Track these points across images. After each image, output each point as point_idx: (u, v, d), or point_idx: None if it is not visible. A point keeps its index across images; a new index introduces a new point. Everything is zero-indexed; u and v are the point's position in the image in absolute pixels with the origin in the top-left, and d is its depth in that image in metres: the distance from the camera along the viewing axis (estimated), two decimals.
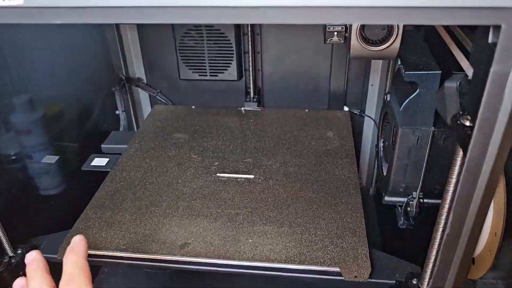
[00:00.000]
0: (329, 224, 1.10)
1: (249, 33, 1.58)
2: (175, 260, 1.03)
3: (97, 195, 1.23)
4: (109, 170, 1.34)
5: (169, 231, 1.09)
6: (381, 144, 1.36)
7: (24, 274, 0.72)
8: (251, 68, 1.64)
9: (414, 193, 1.17)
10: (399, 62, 1.06)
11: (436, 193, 1.14)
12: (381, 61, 1.62)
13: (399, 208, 1.27)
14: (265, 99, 1.73)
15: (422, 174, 1.13)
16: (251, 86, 1.68)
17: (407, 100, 1.02)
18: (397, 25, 0.94)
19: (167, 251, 1.04)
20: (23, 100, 1.28)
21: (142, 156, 1.39)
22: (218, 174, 1.29)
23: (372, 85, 1.68)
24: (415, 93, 1.00)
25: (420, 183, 1.15)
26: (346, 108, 1.69)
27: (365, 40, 0.97)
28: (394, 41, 0.95)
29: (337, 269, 0.99)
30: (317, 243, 1.05)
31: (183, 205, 1.18)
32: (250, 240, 1.06)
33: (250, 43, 1.60)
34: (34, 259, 0.73)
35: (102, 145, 1.49)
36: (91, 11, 0.58)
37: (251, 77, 1.65)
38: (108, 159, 1.39)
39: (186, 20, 0.56)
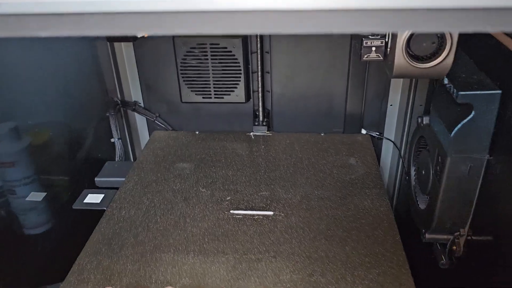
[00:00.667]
0: (368, 272, 0.94)
1: (258, 50, 1.43)
2: None
3: (91, 240, 1.05)
4: (104, 208, 1.16)
5: (179, 284, 0.92)
6: (413, 173, 1.21)
7: None
8: (260, 89, 1.49)
9: (461, 230, 1.02)
10: (446, 81, 0.91)
11: (488, 229, 0.98)
12: (401, 79, 1.48)
13: (438, 245, 1.12)
14: (274, 122, 1.58)
15: (473, 209, 0.98)
16: (260, 108, 1.52)
17: (459, 125, 0.87)
18: (450, 36, 0.80)
19: None
20: (6, 128, 1.11)
21: (143, 190, 1.22)
22: (231, 211, 1.12)
23: (391, 105, 1.54)
24: (470, 117, 0.86)
25: (470, 219, 0.99)
26: (363, 131, 1.54)
27: (412, 56, 0.82)
28: (447, 55, 0.81)
29: None
30: None
31: (194, 249, 1.01)
32: None
33: (258, 61, 1.45)
34: None
35: (96, 178, 1.31)
36: (87, 19, 0.42)
37: (260, 98, 1.50)
38: (103, 195, 1.21)
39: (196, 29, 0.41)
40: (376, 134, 1.55)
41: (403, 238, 1.10)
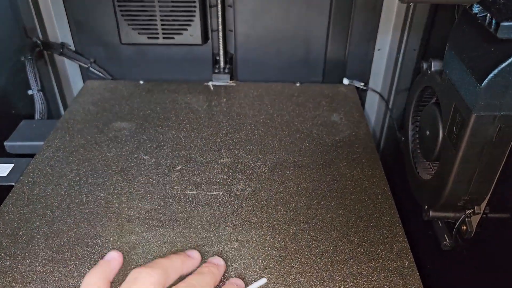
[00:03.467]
0: (364, 266, 0.71)
1: None
2: None
3: None
4: (12, 184, 0.87)
5: None
6: (411, 133, 0.97)
7: None
8: (220, 28, 1.19)
9: (476, 207, 0.79)
10: (477, 9, 0.65)
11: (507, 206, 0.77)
12: (394, 15, 1.22)
13: (439, 222, 0.91)
14: (238, 70, 1.29)
15: (495, 182, 0.75)
16: (221, 52, 1.23)
17: (495, 71, 0.62)
18: None
19: None
20: None
21: (66, 159, 0.93)
22: (179, 187, 0.86)
23: (379, 49, 1.28)
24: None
25: (489, 195, 0.77)
26: (346, 81, 1.28)
27: None
28: None
29: None
30: None
31: (130, 241, 0.75)
32: None
33: None
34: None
35: (5, 143, 1.01)
36: None
37: (220, 39, 1.21)
38: (12, 165, 0.92)
39: None
40: (360, 85, 1.29)
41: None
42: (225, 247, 0.74)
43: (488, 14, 0.62)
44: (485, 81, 0.63)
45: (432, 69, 0.84)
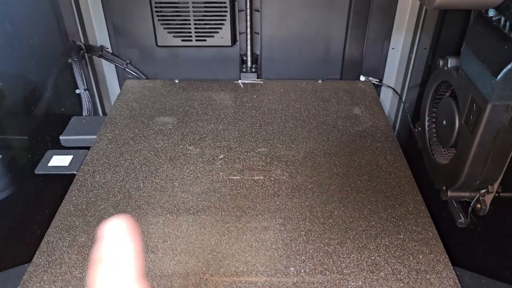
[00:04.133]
0: (393, 238, 0.81)
1: None
2: None
3: (61, 211, 0.87)
4: (74, 172, 0.98)
5: (174, 262, 0.77)
6: (427, 124, 1.08)
7: None
8: (248, 31, 1.29)
9: (490, 186, 0.90)
10: (492, 12, 0.76)
11: None
12: (407, 17, 1.32)
13: (454, 202, 1.01)
14: (263, 69, 1.39)
15: (507, 164, 0.86)
16: (248, 53, 1.33)
17: (510, 65, 0.73)
18: None
19: None
20: None
21: (119, 150, 1.03)
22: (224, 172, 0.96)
23: (393, 48, 1.38)
24: None
25: (502, 176, 0.88)
26: (362, 78, 1.39)
27: None
28: None
29: None
30: (384, 267, 0.76)
31: (187, 219, 0.85)
32: (292, 269, 0.76)
33: None
34: None
35: (61, 137, 1.11)
36: None
37: (248, 41, 1.31)
38: (71, 156, 1.02)
39: None
40: (376, 81, 1.40)
41: None
42: (271, 223, 0.84)
43: (503, 18, 0.72)
44: (500, 74, 0.74)
45: (449, 65, 0.94)
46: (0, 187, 1.00)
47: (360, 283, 0.73)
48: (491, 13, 0.76)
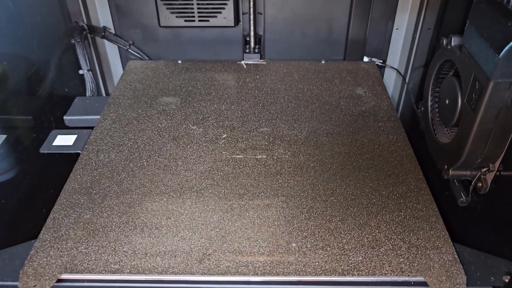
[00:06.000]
0: (394, 215, 0.82)
1: None
2: (194, 281, 0.72)
3: (66, 189, 0.89)
4: (79, 151, 0.99)
5: (177, 238, 0.78)
6: (430, 104, 1.08)
7: None
8: (251, 11, 1.29)
9: (491, 165, 0.90)
10: None
11: None
12: None
13: (455, 182, 1.02)
14: (266, 49, 1.39)
15: (509, 142, 0.86)
16: (251, 33, 1.33)
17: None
18: None
19: (180, 268, 0.73)
20: None
21: (122, 129, 1.04)
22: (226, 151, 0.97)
23: (397, 29, 1.38)
24: None
25: (503, 154, 0.88)
26: (366, 58, 1.39)
27: None
28: None
29: (421, 279, 0.72)
30: (384, 242, 0.77)
31: (190, 197, 0.86)
32: (294, 245, 0.77)
33: None
34: None
35: (64, 117, 1.12)
36: None
37: (251, 22, 1.30)
38: (75, 135, 1.03)
39: None
40: (379, 62, 1.39)
41: None
42: (273, 200, 0.85)
43: None
44: (503, 51, 0.74)
45: (452, 44, 0.94)
46: (6, 166, 1.01)
47: (361, 258, 0.74)
48: None
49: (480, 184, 0.94)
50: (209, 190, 0.88)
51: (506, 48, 0.73)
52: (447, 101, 0.98)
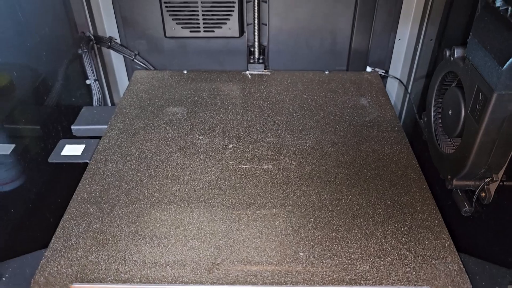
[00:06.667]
0: (400, 224, 0.84)
1: None
2: None
3: (75, 199, 0.90)
4: (87, 161, 1.00)
5: (186, 247, 0.79)
6: (433, 114, 1.09)
7: None
8: (256, 21, 1.31)
9: (494, 175, 0.92)
10: (499, 2, 0.77)
11: None
12: (413, 8, 1.33)
13: (459, 192, 1.03)
14: (270, 60, 1.41)
15: None
16: (256, 44, 1.35)
17: None
18: None
19: (190, 278, 0.73)
20: None
21: (130, 139, 1.05)
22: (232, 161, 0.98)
23: (399, 39, 1.39)
24: None
25: (506, 164, 0.89)
26: (369, 68, 1.40)
27: None
28: None
29: None
30: (390, 252, 0.78)
31: (198, 206, 0.87)
32: (302, 254, 0.78)
33: None
34: None
35: (72, 126, 1.13)
36: None
37: (256, 32, 1.32)
38: (83, 145, 1.04)
39: None
40: (382, 72, 1.41)
41: None
42: (280, 210, 0.86)
43: (510, 7, 0.74)
44: (507, 64, 0.75)
45: (455, 55, 0.96)
46: (15, 175, 1.03)
47: (368, 267, 0.75)
48: (498, 2, 0.77)
49: (484, 194, 0.95)
50: (217, 199, 0.89)
51: (510, 60, 0.75)
52: (450, 112, 0.99)
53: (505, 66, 0.76)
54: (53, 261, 0.76)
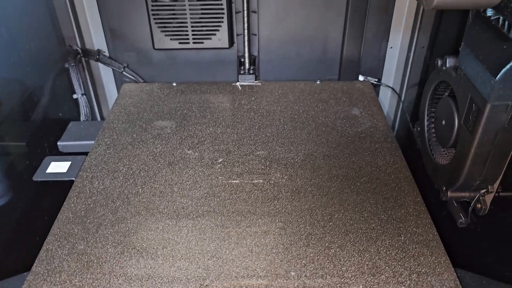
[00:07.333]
0: (394, 240, 0.81)
1: None
2: None
3: (60, 219, 0.87)
4: (73, 179, 0.97)
5: (174, 268, 0.76)
6: (426, 124, 1.07)
7: None
8: (245, 32, 1.29)
9: (490, 186, 0.90)
10: (491, 12, 0.75)
11: None
12: (404, 16, 1.32)
13: (454, 203, 1.01)
14: (261, 70, 1.39)
15: (507, 163, 0.86)
16: (246, 55, 1.33)
17: (509, 65, 0.72)
18: None
19: None
20: None
21: (117, 155, 1.03)
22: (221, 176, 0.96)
23: (391, 47, 1.38)
24: None
25: (501, 175, 0.87)
26: (361, 77, 1.39)
27: None
28: None
29: None
30: (384, 269, 0.76)
31: (187, 225, 0.85)
32: (293, 273, 0.75)
33: None
34: None
35: (58, 143, 1.11)
36: None
37: (246, 43, 1.30)
38: (69, 162, 1.02)
39: None
40: (375, 81, 1.39)
41: None
42: (271, 227, 0.84)
43: (501, 17, 0.72)
44: (500, 74, 0.74)
45: (447, 65, 0.94)
46: (0, 194, 1.00)
47: (361, 286, 0.73)
48: (489, 12, 0.75)
49: (479, 206, 0.93)
50: (206, 217, 0.86)
51: (503, 71, 0.73)
52: (443, 122, 0.97)
53: (498, 77, 0.74)
54: (35, 285, 0.74)
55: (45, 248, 0.81)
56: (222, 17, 1.24)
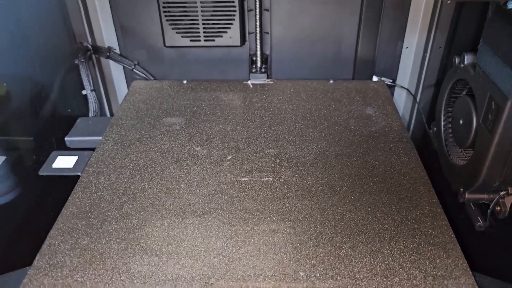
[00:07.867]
0: (409, 241, 0.78)
1: None
2: None
3: (64, 213, 0.85)
4: (79, 174, 0.96)
5: (178, 266, 0.74)
6: (443, 124, 1.04)
7: None
8: (258, 30, 1.27)
9: (510, 188, 0.86)
10: (510, 4, 0.72)
11: None
12: (421, 15, 1.28)
13: (472, 205, 0.97)
14: (273, 69, 1.36)
15: None
16: (258, 53, 1.31)
17: None
18: None
19: None
20: None
21: (124, 151, 1.01)
22: (231, 174, 0.93)
23: (407, 48, 1.34)
24: None
25: None
26: (375, 78, 1.35)
27: None
28: None
29: None
30: (398, 271, 0.72)
31: (193, 222, 0.82)
32: (302, 274, 0.72)
33: None
34: None
35: (66, 138, 1.10)
36: None
37: (258, 41, 1.28)
38: (76, 157, 1.00)
39: None
40: (389, 82, 1.36)
41: None
42: (280, 226, 0.81)
43: None
44: None
45: (465, 62, 0.90)
46: (5, 188, 0.98)
47: None
48: (511, 5, 0.72)
49: (499, 208, 0.89)
50: (213, 214, 0.84)
51: None
52: (461, 122, 0.94)
53: None
54: (36, 280, 0.72)
55: (47, 243, 0.79)
56: (234, 15, 1.23)
